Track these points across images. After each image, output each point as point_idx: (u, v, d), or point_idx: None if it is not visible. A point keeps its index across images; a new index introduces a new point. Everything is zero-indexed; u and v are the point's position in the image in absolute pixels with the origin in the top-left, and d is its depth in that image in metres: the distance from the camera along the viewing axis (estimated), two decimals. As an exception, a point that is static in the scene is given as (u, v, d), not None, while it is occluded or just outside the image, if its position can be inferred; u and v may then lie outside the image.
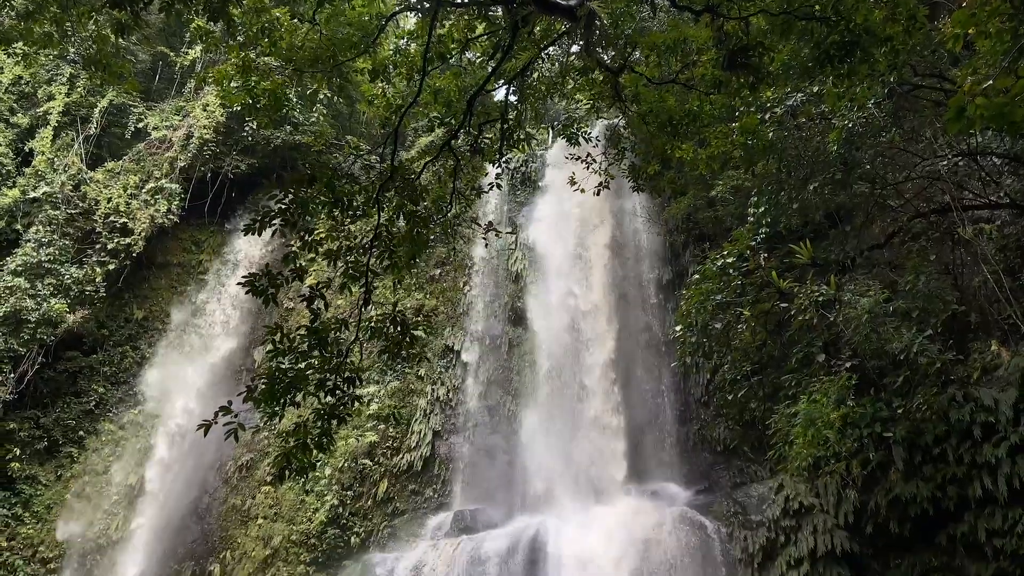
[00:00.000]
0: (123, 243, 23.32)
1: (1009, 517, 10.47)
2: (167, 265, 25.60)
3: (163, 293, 25.20)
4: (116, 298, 24.13)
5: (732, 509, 14.75)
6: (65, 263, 22.58)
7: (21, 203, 23.11)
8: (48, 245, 22.48)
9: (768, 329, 12.46)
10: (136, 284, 24.78)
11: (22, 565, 20.41)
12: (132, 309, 24.56)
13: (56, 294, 21.98)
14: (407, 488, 19.34)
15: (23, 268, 21.91)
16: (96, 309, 23.18)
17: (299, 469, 7.29)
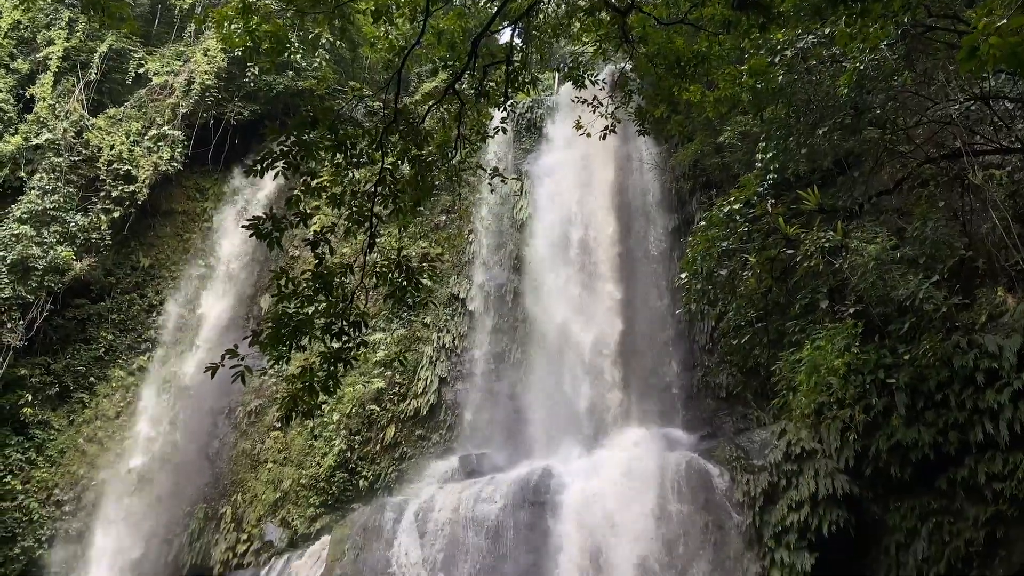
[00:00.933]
0: (127, 191, 23.30)
1: (1010, 461, 10.57)
2: (172, 213, 25.60)
3: (169, 241, 25.25)
4: (122, 246, 24.21)
5: (735, 454, 14.91)
6: (70, 211, 22.61)
7: (24, 150, 23.04)
8: (52, 192, 22.48)
9: (774, 276, 12.42)
10: (141, 232, 24.82)
11: (37, 507, 20.90)
12: (138, 257, 24.65)
13: (62, 242, 22.08)
14: (414, 433, 19.59)
15: (28, 216, 21.97)
16: (102, 257, 23.28)
17: (305, 412, 7.39)
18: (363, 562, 15.48)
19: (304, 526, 18.77)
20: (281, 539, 18.77)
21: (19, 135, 23.15)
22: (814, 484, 12.58)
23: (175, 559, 19.87)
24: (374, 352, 20.42)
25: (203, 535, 19.89)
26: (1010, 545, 10.65)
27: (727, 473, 14.54)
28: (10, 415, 21.67)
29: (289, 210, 7.33)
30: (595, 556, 14.16)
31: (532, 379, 19.55)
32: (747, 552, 13.27)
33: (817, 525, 12.34)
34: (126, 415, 22.13)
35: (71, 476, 21.52)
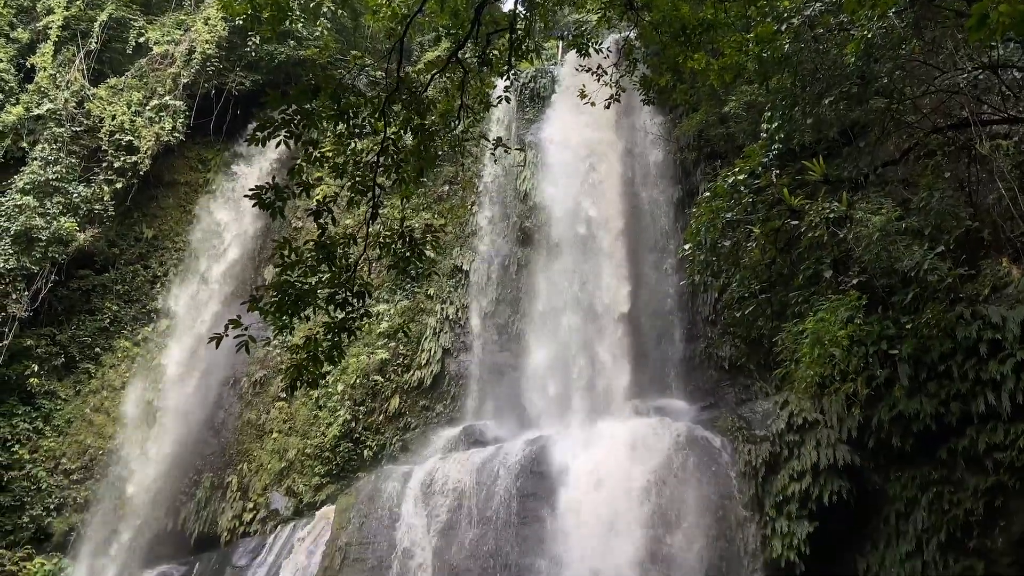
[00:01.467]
0: (129, 161, 23.25)
1: (1011, 432, 10.62)
2: (174, 184, 25.56)
3: (172, 212, 25.25)
4: (125, 217, 24.21)
5: (737, 424, 14.97)
6: (72, 181, 22.60)
7: (25, 120, 22.98)
8: (55, 163, 22.46)
9: (778, 247, 12.39)
10: (144, 203, 24.80)
11: (45, 476, 21.15)
12: (142, 228, 24.67)
13: (65, 213, 22.11)
14: (418, 404, 19.70)
15: (31, 186, 21.98)
16: (106, 228, 23.30)
17: (310, 381, 7.43)
18: (368, 530, 15.65)
19: (309, 495, 18.96)
20: (287, 508, 18.97)
21: (20, 105, 23.08)
22: (816, 454, 12.66)
23: (182, 527, 20.10)
24: (378, 323, 20.47)
25: (210, 504, 20.11)
26: (1010, 515, 10.74)
27: (729, 443, 14.61)
28: (17, 385, 21.84)
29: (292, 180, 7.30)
30: (597, 524, 14.28)
31: (535, 350, 19.60)
32: (748, 521, 13.38)
33: (818, 495, 12.43)
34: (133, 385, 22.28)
35: (78, 446, 21.73)
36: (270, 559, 17.46)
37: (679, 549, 13.66)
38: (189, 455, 20.80)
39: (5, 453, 21.10)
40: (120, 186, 23.13)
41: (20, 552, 20.19)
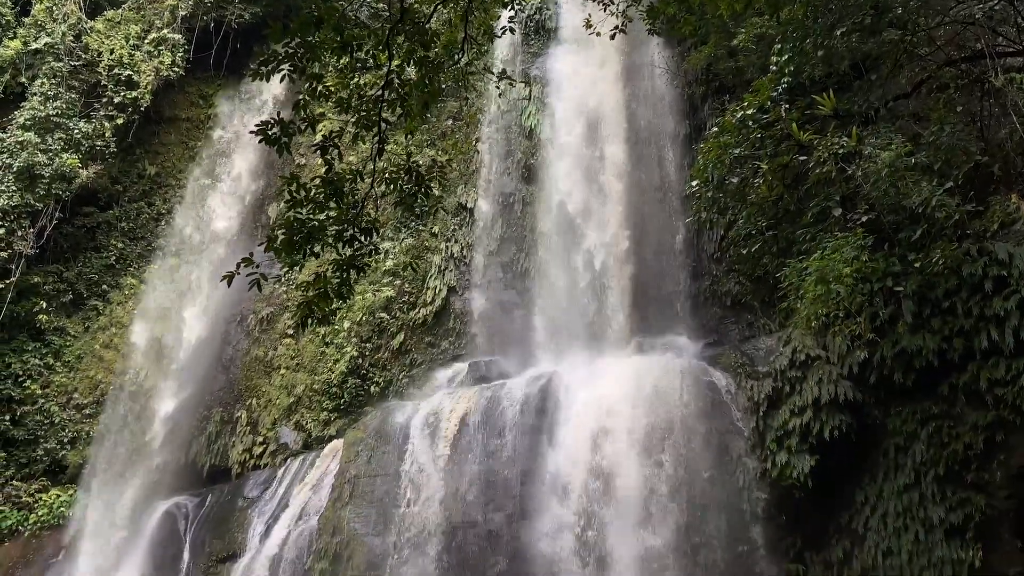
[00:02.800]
0: (129, 96, 23.02)
1: (1013, 368, 10.71)
2: (176, 120, 25.32)
3: (174, 149, 25.08)
4: (128, 154, 24.07)
5: (740, 361, 15.09)
6: (73, 117, 22.42)
7: (23, 55, 22.67)
8: (54, 99, 22.25)
9: (785, 183, 12.29)
10: (146, 140, 24.62)
11: (58, 411, 21.54)
12: (144, 165, 24.55)
13: (67, 149, 22.00)
14: (423, 341, 19.86)
15: (32, 122, 21.84)
16: (108, 165, 23.21)
17: (320, 318, 7.49)
18: (376, 463, 15.97)
19: (318, 429, 19.29)
20: (296, 442, 19.33)
21: (18, 39, 22.73)
22: (817, 390, 12.78)
23: (194, 460, 20.51)
24: (383, 262, 20.49)
25: (220, 438, 20.48)
26: (1009, 449, 10.91)
27: (732, 379, 14.76)
28: (26, 322, 22.08)
29: (296, 115, 7.22)
30: (599, 457, 14.54)
31: (540, 287, 19.64)
32: (749, 455, 13.62)
33: (819, 429, 12.60)
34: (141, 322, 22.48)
35: (89, 381, 22.05)
36: (280, 491, 17.88)
37: (681, 483, 13.94)
38: (199, 390, 21.09)
39: (17, 388, 21.45)
40: (121, 122, 22.94)
41: (35, 484, 20.71)
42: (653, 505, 13.87)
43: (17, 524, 19.93)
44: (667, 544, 13.49)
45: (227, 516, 18.19)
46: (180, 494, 19.77)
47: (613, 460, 14.49)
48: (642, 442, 14.42)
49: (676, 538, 13.52)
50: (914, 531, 11.46)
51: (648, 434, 14.47)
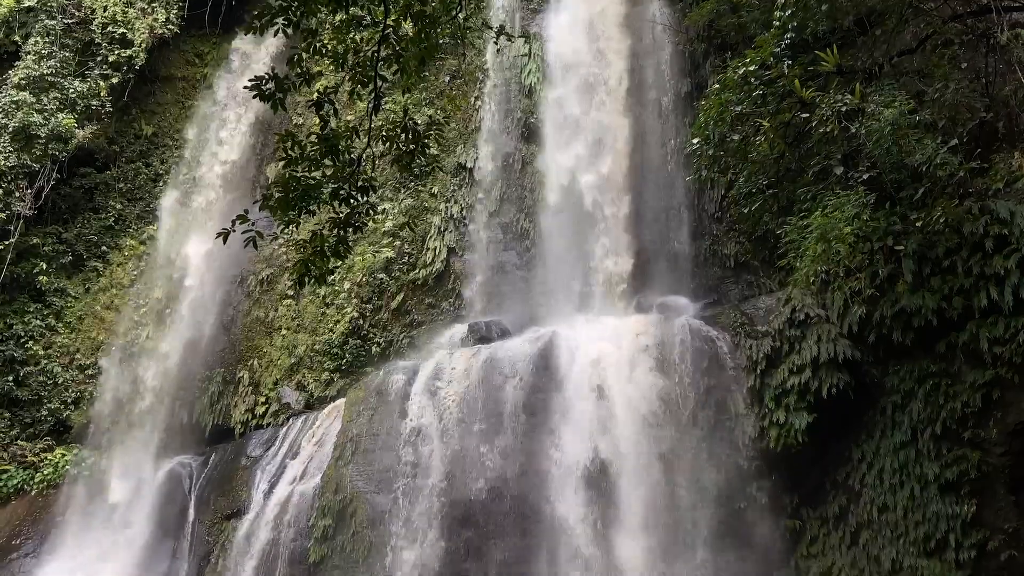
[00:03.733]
0: (124, 55, 22.75)
1: (1011, 326, 10.75)
2: (172, 79, 25.05)
3: (170, 108, 24.86)
4: (124, 114, 23.85)
5: (739, 320, 15.12)
6: (68, 76, 22.19)
7: (16, 13, 22.39)
8: (49, 57, 22.03)
9: (787, 141, 12.19)
10: (142, 99, 24.39)
11: (61, 371, 21.67)
12: (141, 125, 24.35)
13: (63, 109, 21.82)
14: (424, 301, 19.89)
15: (26, 81, 21.65)
16: (104, 125, 23.03)
17: (318, 276, 7.48)
18: (377, 422, 16.10)
19: (319, 389, 19.41)
20: (298, 402, 19.47)
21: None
22: (816, 349, 12.85)
23: (197, 420, 20.66)
24: (382, 222, 20.42)
25: (222, 398, 20.61)
26: (1006, 407, 11.01)
27: (731, 338, 14.81)
28: (27, 283, 22.09)
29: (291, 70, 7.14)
30: (600, 415, 14.66)
31: (539, 248, 19.61)
32: (747, 413, 13.73)
33: (817, 388, 12.70)
34: (142, 283, 22.51)
35: (91, 342, 22.15)
36: (283, 449, 18.06)
37: (680, 441, 14.07)
38: (200, 351, 21.17)
39: (20, 349, 21.55)
40: (116, 81, 22.70)
41: (40, 444, 20.90)
42: (653, 463, 14.03)
43: (23, 483, 20.17)
44: (667, 502, 13.67)
45: (231, 474, 18.40)
46: (184, 453, 19.97)
47: (613, 419, 14.62)
48: (641, 400, 14.52)
49: (676, 495, 13.68)
50: (910, 487, 11.62)
51: (647, 393, 14.57)
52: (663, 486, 13.78)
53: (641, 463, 14.03)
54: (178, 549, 17.91)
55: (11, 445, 20.67)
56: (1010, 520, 10.86)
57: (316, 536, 15.24)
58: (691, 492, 13.64)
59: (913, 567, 11.29)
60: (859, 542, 12.15)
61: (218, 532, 17.26)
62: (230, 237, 7.14)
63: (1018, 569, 10.65)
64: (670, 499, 13.67)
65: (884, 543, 11.77)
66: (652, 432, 14.20)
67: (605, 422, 14.64)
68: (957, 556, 10.99)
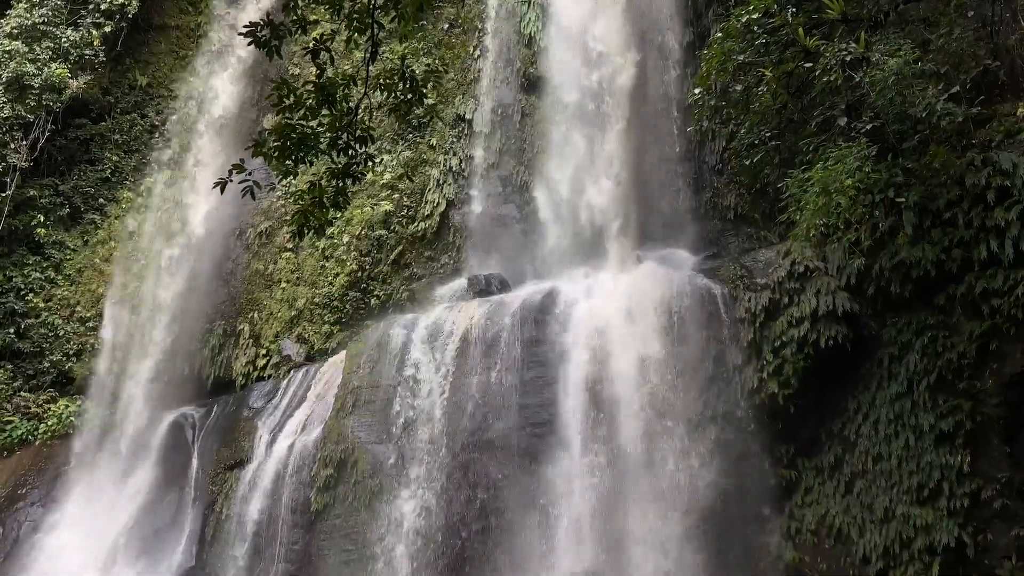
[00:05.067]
0: (116, 2, 22.40)
1: (1010, 278, 10.77)
2: (165, 28, 24.65)
3: (164, 58, 24.52)
4: (118, 63, 23.59)
5: (739, 272, 15.12)
6: (60, 25, 21.90)
7: (5, -41, 22.01)
8: (40, 5, 21.72)
9: (790, 91, 12.05)
10: (136, 49, 24.05)
11: (61, 323, 21.76)
12: (135, 75, 24.05)
13: (56, 58, 21.58)
14: (423, 255, 19.86)
15: (19, 31, 21.39)
16: (98, 75, 22.79)
17: (316, 228, 7.45)
18: (378, 374, 16.21)
19: (320, 342, 19.50)
20: (298, 354, 19.57)
21: (-1, -57, 22.00)
22: (815, 301, 12.86)
23: (198, 372, 20.81)
24: (380, 175, 20.29)
25: (223, 350, 20.72)
26: (1003, 358, 11.08)
27: (730, 291, 14.82)
28: (25, 236, 22.11)
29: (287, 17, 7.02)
30: (598, 368, 14.75)
31: (539, 201, 19.50)
32: (745, 365, 13.80)
33: (815, 340, 12.74)
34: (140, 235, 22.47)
35: (91, 294, 22.20)
36: (284, 401, 18.22)
37: (678, 392, 14.18)
38: (201, 304, 21.21)
39: (20, 301, 21.63)
40: (109, 30, 22.39)
41: (43, 395, 21.10)
42: (651, 416, 14.15)
43: (27, 434, 20.39)
44: (665, 453, 13.82)
45: (233, 425, 18.59)
46: (186, 405, 20.15)
47: (612, 372, 14.71)
48: (640, 354, 14.59)
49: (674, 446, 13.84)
50: (904, 437, 11.75)
51: (646, 346, 14.63)
52: (661, 438, 13.92)
53: (639, 415, 14.16)
54: (182, 498, 18.18)
55: (14, 396, 20.87)
56: (1003, 470, 11.01)
57: (318, 486, 15.46)
58: (689, 443, 13.78)
59: (906, 515, 11.47)
60: (853, 491, 12.33)
61: (221, 482, 17.50)
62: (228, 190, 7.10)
63: (1010, 517, 10.84)
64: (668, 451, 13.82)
65: (878, 492, 11.95)
66: (650, 385, 14.30)
67: (603, 375, 14.73)
68: (950, 504, 11.16)
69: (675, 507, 13.40)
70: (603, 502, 13.73)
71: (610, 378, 14.66)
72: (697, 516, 13.27)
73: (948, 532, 11.05)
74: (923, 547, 11.24)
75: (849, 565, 12.05)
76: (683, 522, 13.28)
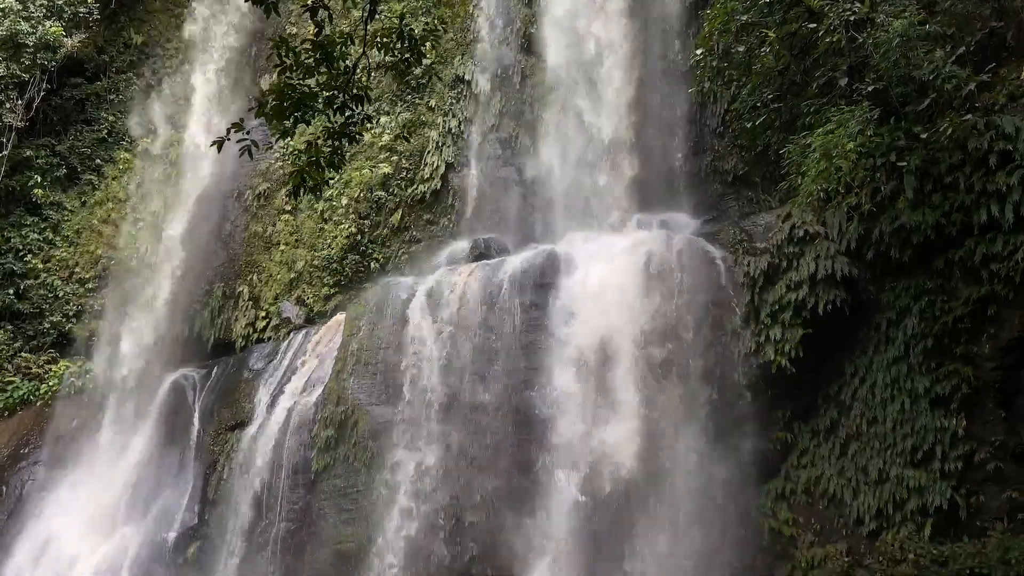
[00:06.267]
0: (109, -41, 22.18)
1: (1010, 243, 10.75)
2: (160, -15, 24.36)
3: (159, 16, 24.21)
4: (112, 22, 23.37)
5: (738, 237, 15.11)
6: (54, -19, 21.68)
7: (-4, -86, 21.60)
8: (34, -38, 21.45)
9: (793, 53, 11.93)
10: (131, 7, 23.81)
11: (61, 284, 21.80)
12: (130, 34, 23.81)
13: (50, 16, 21.40)
14: (422, 218, 19.80)
15: (11, -12, 21.15)
16: (93, 33, 22.64)
17: (313, 187, 7.42)
18: (377, 337, 16.28)
19: (319, 304, 19.53)
20: (298, 316, 19.60)
21: None
22: (814, 266, 12.82)
23: (199, 334, 20.86)
24: (380, 136, 20.15)
25: (223, 312, 20.75)
26: (1000, 323, 11.10)
27: (729, 255, 14.81)
28: (22, 196, 22.09)
29: (283, -27, 6.91)
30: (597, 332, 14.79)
31: (539, 164, 19.40)
32: (743, 329, 13.83)
33: (813, 304, 12.71)
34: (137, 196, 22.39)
35: (90, 256, 22.20)
36: (284, 363, 18.30)
37: (676, 355, 14.24)
38: (200, 265, 21.21)
39: (19, 263, 21.66)
40: (103, -13, 22.21)
41: (44, 356, 21.20)
42: (650, 378, 14.22)
43: (29, 394, 20.54)
44: (663, 414, 13.92)
45: (234, 387, 18.69)
46: (187, 366, 20.23)
47: (611, 335, 14.75)
48: (639, 317, 14.61)
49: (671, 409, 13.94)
50: (900, 401, 11.83)
51: (645, 309, 14.65)
52: (658, 400, 14.01)
53: (636, 377, 14.24)
54: (184, 458, 18.36)
55: (15, 357, 20.98)
56: (998, 433, 11.10)
57: (319, 446, 15.61)
58: (687, 407, 13.87)
59: (899, 477, 11.59)
60: (848, 453, 12.45)
61: (223, 442, 17.66)
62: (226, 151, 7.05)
63: (1003, 480, 10.96)
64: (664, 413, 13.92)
65: (872, 454, 12.06)
66: (649, 348, 14.35)
67: (601, 338, 14.77)
68: (943, 467, 11.27)
69: (671, 468, 13.53)
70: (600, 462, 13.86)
71: (608, 341, 14.71)
72: (693, 478, 13.41)
73: (941, 494, 11.18)
74: (916, 508, 11.38)
75: (842, 526, 12.21)
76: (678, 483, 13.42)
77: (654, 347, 14.38)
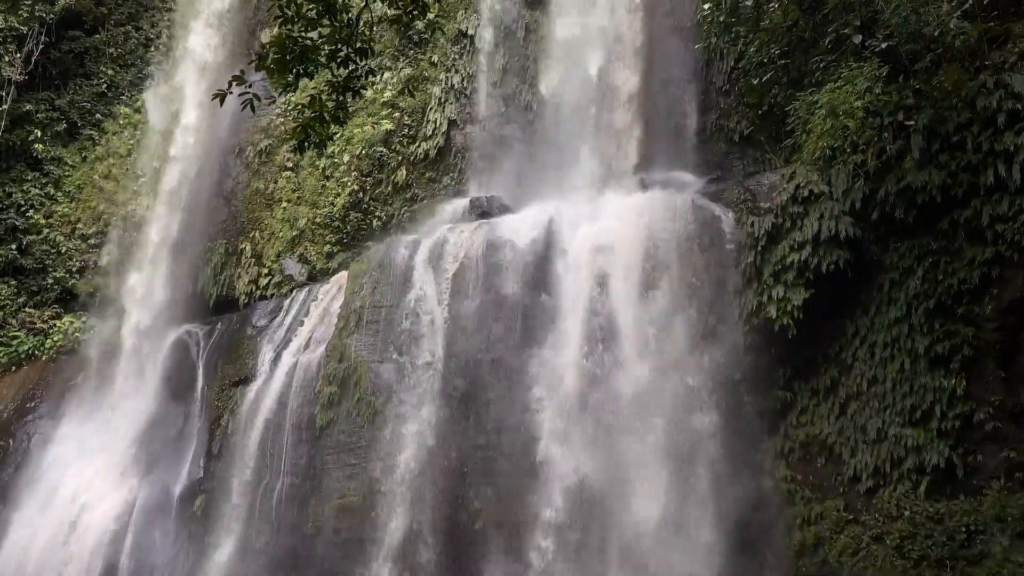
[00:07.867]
0: (108, -94, 21.77)
1: (1016, 204, 10.71)
2: (159, -66, 23.93)
3: (159, -34, 23.89)
4: (111, -29, 23.08)
5: (742, 196, 15.00)
6: (48, -69, 21.33)
7: None
8: (28, -90, 21.05)
9: (802, 8, 11.73)
10: (129, -44, 23.48)
11: (63, 240, 21.81)
12: (128, -16, 23.52)
13: (46, -34, 21.09)
14: (424, 176, 19.68)
15: (7, -63, 20.78)
16: (90, -15, 22.32)
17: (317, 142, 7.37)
18: (380, 294, 16.31)
19: (322, 262, 19.53)
20: (300, 273, 19.62)
21: None
22: (818, 226, 12.78)
23: (202, 291, 20.90)
24: (382, 93, 19.93)
25: (226, 269, 20.76)
26: (1003, 284, 11.11)
27: (733, 215, 14.74)
28: (23, 151, 22.00)
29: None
30: (600, 291, 14.81)
31: (543, 122, 19.21)
32: (746, 288, 13.82)
33: (816, 264, 12.73)
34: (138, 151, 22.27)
35: (92, 211, 22.16)
36: (287, 320, 18.37)
37: (678, 313, 14.27)
38: (202, 222, 21.16)
39: (21, 218, 21.67)
40: (101, -64, 21.87)
41: (48, 311, 21.30)
42: (652, 337, 14.28)
43: (33, 349, 20.68)
44: (664, 374, 14.00)
45: (237, 343, 18.79)
46: (190, 322, 20.32)
47: (614, 294, 14.77)
48: (642, 277, 14.63)
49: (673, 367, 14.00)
50: (900, 360, 11.90)
51: (648, 269, 14.65)
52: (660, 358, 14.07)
53: (639, 336, 14.29)
54: (188, 412, 18.55)
55: (19, 312, 21.08)
56: (997, 393, 11.17)
57: (322, 403, 15.75)
58: (688, 365, 13.94)
59: (898, 435, 11.71)
60: (847, 412, 12.55)
61: (226, 398, 17.81)
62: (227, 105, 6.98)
63: (1001, 439, 11.06)
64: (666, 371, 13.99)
65: (871, 413, 12.16)
66: (652, 307, 14.38)
67: (604, 297, 14.79)
68: (941, 426, 11.38)
69: (672, 424, 13.64)
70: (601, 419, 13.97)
71: (611, 300, 14.73)
72: (694, 434, 13.54)
73: (939, 453, 11.30)
74: (913, 467, 11.51)
75: (839, 483, 12.37)
76: (679, 438, 13.55)
77: (657, 306, 14.40)
